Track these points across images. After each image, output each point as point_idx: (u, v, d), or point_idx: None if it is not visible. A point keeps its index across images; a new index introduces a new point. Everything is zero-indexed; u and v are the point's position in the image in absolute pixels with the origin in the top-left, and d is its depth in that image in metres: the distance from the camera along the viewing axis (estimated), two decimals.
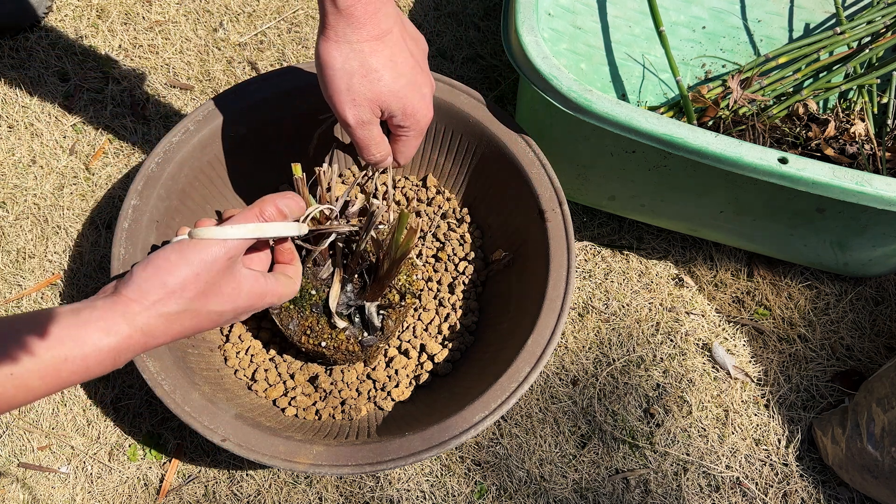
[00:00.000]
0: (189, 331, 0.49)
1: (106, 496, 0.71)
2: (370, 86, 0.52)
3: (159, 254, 0.48)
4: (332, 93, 0.53)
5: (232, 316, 0.52)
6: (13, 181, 0.85)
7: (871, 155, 0.74)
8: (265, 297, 0.53)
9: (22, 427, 0.74)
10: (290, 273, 0.57)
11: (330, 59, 0.51)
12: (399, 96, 0.53)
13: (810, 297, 0.82)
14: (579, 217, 0.86)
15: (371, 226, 0.57)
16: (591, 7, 0.87)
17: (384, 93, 0.53)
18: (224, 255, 0.49)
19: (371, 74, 0.52)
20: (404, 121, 0.55)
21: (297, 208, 0.54)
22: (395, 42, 0.53)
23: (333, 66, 0.51)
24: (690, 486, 0.73)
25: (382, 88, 0.52)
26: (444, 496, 0.72)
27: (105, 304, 0.45)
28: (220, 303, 0.50)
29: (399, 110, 0.54)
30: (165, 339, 0.48)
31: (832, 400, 0.77)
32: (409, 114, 0.55)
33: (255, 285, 0.52)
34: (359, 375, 0.68)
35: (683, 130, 0.60)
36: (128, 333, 0.45)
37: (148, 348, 0.48)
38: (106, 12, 0.96)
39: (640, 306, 0.81)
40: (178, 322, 0.48)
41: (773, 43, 0.89)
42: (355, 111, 0.53)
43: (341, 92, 0.52)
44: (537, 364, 0.58)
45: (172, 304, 0.47)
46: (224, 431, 0.56)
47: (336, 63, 0.51)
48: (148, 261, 0.48)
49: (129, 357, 0.47)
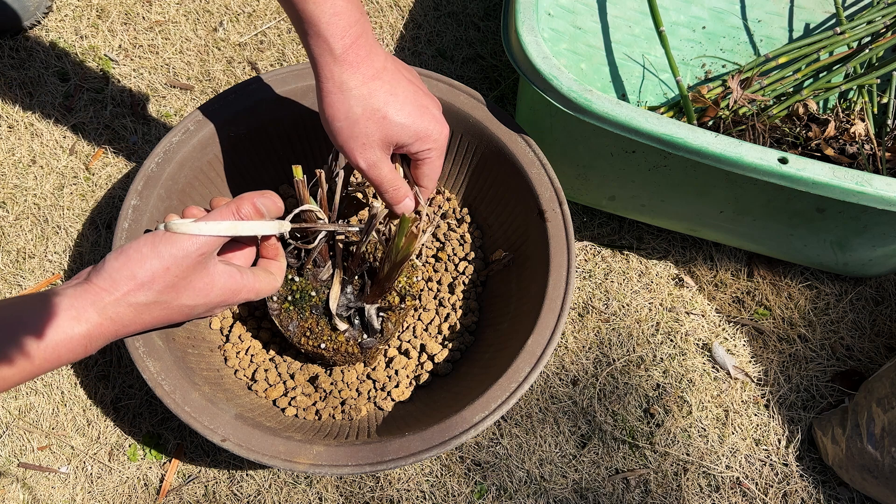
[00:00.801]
0: (160, 321, 0.50)
1: (106, 496, 0.71)
2: (376, 127, 0.53)
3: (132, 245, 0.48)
4: (341, 142, 0.53)
5: (204, 310, 0.53)
6: (13, 181, 0.85)
7: (871, 155, 0.74)
8: (240, 293, 0.53)
9: (22, 427, 0.74)
10: (272, 269, 0.57)
11: (335, 112, 0.52)
12: (406, 126, 0.54)
13: (810, 297, 0.82)
14: (579, 217, 0.86)
15: (371, 227, 0.57)
16: (591, 7, 0.87)
17: (391, 128, 0.53)
18: (196, 250, 0.49)
19: (374, 115, 0.52)
20: (422, 145, 0.56)
21: (274, 208, 0.54)
22: (392, 76, 0.53)
23: (338, 118, 0.52)
24: (690, 486, 0.73)
25: (388, 125, 0.53)
26: (444, 496, 0.72)
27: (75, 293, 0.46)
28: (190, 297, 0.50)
29: (411, 138, 0.54)
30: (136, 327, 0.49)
31: (832, 400, 0.77)
32: (422, 137, 0.55)
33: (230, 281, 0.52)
34: (359, 375, 0.68)
35: (683, 130, 0.60)
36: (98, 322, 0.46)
37: (119, 336, 0.49)
38: (106, 12, 0.96)
39: (640, 306, 0.81)
40: (147, 312, 0.49)
41: (773, 43, 0.89)
42: (365, 155, 0.54)
43: (349, 140, 0.53)
44: (537, 364, 0.58)
45: (142, 295, 0.48)
46: (224, 431, 0.56)
47: (340, 115, 0.52)
48: (121, 251, 0.48)
49: (101, 344, 0.48)
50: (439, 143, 0.57)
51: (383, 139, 0.53)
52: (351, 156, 0.54)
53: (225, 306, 0.54)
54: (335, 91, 0.51)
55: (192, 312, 0.52)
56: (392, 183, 0.56)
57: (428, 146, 0.56)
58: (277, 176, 0.75)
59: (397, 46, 0.96)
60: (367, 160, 0.54)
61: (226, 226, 0.50)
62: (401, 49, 0.95)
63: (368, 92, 0.52)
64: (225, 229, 0.50)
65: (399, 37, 0.96)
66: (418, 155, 0.57)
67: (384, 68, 0.53)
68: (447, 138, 0.57)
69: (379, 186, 0.56)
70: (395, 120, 0.53)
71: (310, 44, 0.50)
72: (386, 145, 0.54)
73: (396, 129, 0.53)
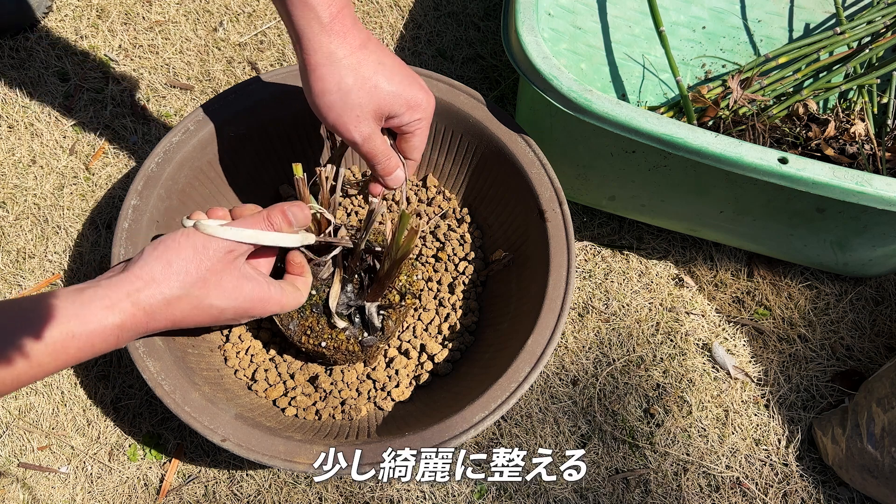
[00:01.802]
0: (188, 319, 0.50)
1: (106, 496, 0.71)
2: (368, 97, 0.52)
3: (168, 238, 0.49)
4: (336, 116, 0.52)
5: (232, 315, 0.52)
6: (13, 181, 0.85)
7: (871, 155, 0.74)
8: (267, 303, 0.54)
9: (22, 427, 0.74)
10: (298, 284, 0.58)
11: (326, 84, 0.51)
12: (398, 94, 0.53)
13: (810, 297, 0.82)
14: (579, 217, 0.86)
15: (370, 225, 0.57)
16: (591, 7, 0.87)
17: (383, 97, 0.52)
18: (226, 248, 0.50)
19: (366, 84, 0.51)
20: (412, 115, 0.55)
21: (302, 217, 0.54)
22: (377, 46, 0.53)
23: (331, 91, 0.51)
24: (690, 486, 0.73)
25: (380, 94, 0.52)
26: (444, 496, 0.72)
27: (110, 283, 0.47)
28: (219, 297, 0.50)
29: (403, 107, 0.54)
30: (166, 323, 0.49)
31: (832, 400, 0.77)
32: (413, 106, 0.54)
33: (257, 289, 0.53)
34: (359, 375, 0.68)
35: (683, 130, 0.60)
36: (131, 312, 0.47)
37: (149, 330, 0.49)
38: (106, 12, 0.96)
39: (640, 306, 0.81)
40: (177, 307, 0.49)
41: (773, 43, 0.89)
42: (359, 128, 0.53)
43: (344, 113, 0.52)
44: (537, 364, 0.58)
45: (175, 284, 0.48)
46: (224, 431, 0.56)
47: (332, 86, 0.50)
48: (157, 243, 0.49)
49: (131, 336, 0.48)
50: (428, 112, 0.56)
51: (376, 110, 0.53)
52: (345, 130, 0.53)
53: (251, 315, 0.54)
54: (324, 63, 0.50)
55: (220, 316, 0.52)
56: (385, 154, 0.56)
57: (418, 115, 0.55)
58: (277, 176, 0.75)
59: (397, 46, 0.96)
60: (361, 133, 0.53)
61: (250, 234, 0.51)
62: (401, 49, 0.95)
63: (357, 61, 0.51)
64: (250, 237, 0.51)
65: (399, 37, 0.96)
66: (409, 126, 0.56)
67: (369, 38, 0.52)
68: (433, 108, 0.57)
69: (372, 159, 0.56)
70: (387, 88, 0.52)
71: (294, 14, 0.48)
72: (378, 116, 0.53)
73: (389, 98, 0.52)
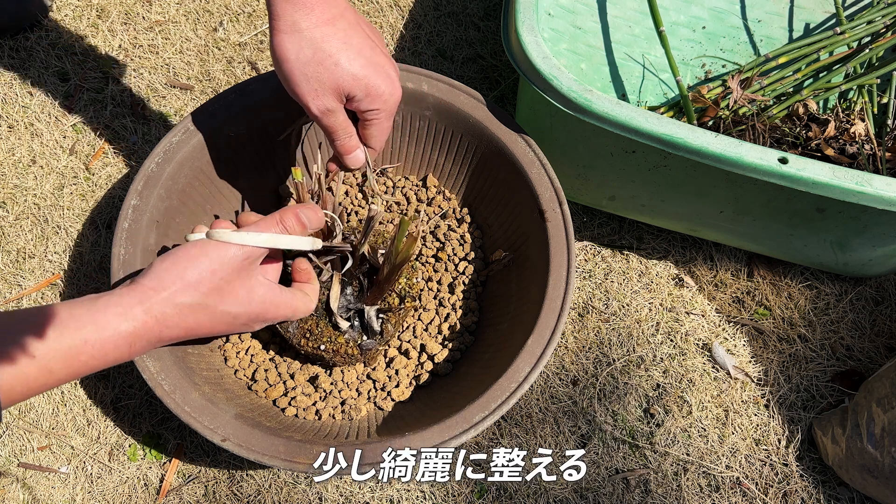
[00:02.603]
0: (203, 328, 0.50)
1: (106, 496, 0.71)
2: (327, 72, 0.51)
3: (181, 248, 0.49)
4: (293, 86, 0.52)
5: (245, 321, 0.52)
6: (13, 181, 0.85)
7: (871, 155, 0.73)
8: (279, 307, 0.54)
9: (22, 427, 0.74)
10: (307, 290, 0.57)
11: (284, 52, 0.50)
12: (359, 78, 0.52)
13: (810, 297, 0.82)
14: (579, 217, 0.86)
15: (370, 229, 0.57)
16: (591, 7, 0.87)
17: (343, 77, 0.51)
18: (242, 255, 0.50)
19: (326, 60, 0.50)
20: (371, 103, 0.54)
21: (316, 219, 0.54)
22: (349, 25, 0.52)
23: (288, 59, 0.50)
24: (690, 486, 0.73)
25: (340, 73, 0.51)
26: (445, 496, 0.72)
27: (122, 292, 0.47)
28: (233, 303, 0.50)
29: (362, 92, 0.53)
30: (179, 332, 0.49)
31: (832, 400, 0.77)
32: (372, 95, 0.53)
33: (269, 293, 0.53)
34: (359, 375, 0.68)
35: (683, 130, 0.60)
36: (143, 320, 0.46)
37: (163, 340, 0.49)
38: (106, 12, 0.96)
39: (640, 306, 0.81)
40: (192, 315, 0.49)
41: (773, 43, 0.89)
42: (318, 100, 0.52)
43: (300, 83, 0.51)
44: (537, 364, 0.58)
45: (188, 296, 0.48)
46: (224, 431, 0.56)
47: (290, 55, 0.50)
48: (169, 253, 0.49)
49: (144, 347, 0.48)
50: (389, 104, 0.55)
51: (335, 87, 0.51)
52: (304, 100, 0.52)
53: (264, 321, 0.54)
54: (286, 30, 0.49)
55: (233, 322, 0.51)
56: (346, 130, 0.55)
57: (377, 106, 0.54)
58: (277, 176, 0.75)
59: (397, 46, 0.96)
60: (319, 106, 0.52)
61: (266, 237, 0.51)
62: (401, 49, 0.95)
63: (321, 35, 0.50)
64: (266, 241, 0.51)
65: (399, 37, 0.96)
66: (367, 115, 0.55)
67: (341, 16, 0.51)
68: (398, 101, 0.56)
69: (332, 133, 0.55)
70: (346, 68, 0.51)
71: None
72: (338, 94, 0.52)
73: (348, 79, 0.51)
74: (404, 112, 0.72)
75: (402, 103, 0.71)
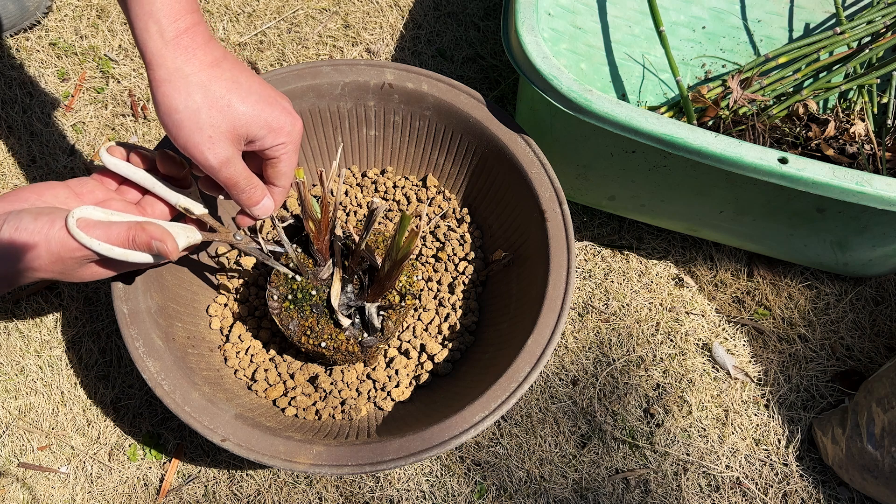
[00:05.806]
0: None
1: (106, 496, 0.71)
2: (221, 117, 0.47)
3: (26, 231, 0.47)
4: (185, 137, 0.47)
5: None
6: (13, 181, 0.85)
7: (871, 155, 0.74)
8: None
9: (22, 427, 0.74)
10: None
11: (171, 102, 0.46)
12: (254, 115, 0.49)
13: (810, 297, 0.82)
14: (579, 217, 0.86)
15: (370, 226, 0.57)
16: (591, 7, 0.87)
17: (239, 118, 0.48)
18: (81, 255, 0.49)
19: (218, 103, 0.47)
20: (276, 138, 0.51)
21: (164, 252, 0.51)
22: (233, 65, 0.49)
23: (177, 109, 0.46)
24: (690, 486, 0.73)
25: (236, 114, 0.48)
26: (444, 496, 0.72)
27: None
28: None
29: (263, 129, 0.50)
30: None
31: (832, 400, 0.77)
32: (276, 130, 0.50)
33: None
34: (359, 375, 0.68)
35: (683, 130, 0.60)
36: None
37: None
38: (106, 12, 0.96)
39: (640, 306, 0.81)
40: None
41: (773, 43, 0.89)
42: (214, 149, 0.48)
43: (193, 133, 0.47)
44: (537, 364, 0.58)
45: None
46: (224, 431, 0.56)
47: (178, 104, 0.46)
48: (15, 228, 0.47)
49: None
50: (293, 136, 0.52)
51: (231, 131, 0.48)
52: (197, 152, 0.48)
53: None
54: (170, 79, 0.46)
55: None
56: (249, 181, 0.51)
57: (282, 140, 0.51)
58: None
59: (397, 46, 0.96)
60: (216, 156, 0.48)
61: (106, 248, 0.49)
62: (401, 49, 0.95)
63: (208, 78, 0.47)
64: (105, 251, 0.49)
65: (399, 37, 0.96)
66: (272, 150, 0.52)
67: (224, 58, 0.48)
68: (301, 132, 0.53)
69: (234, 188, 0.51)
70: (241, 109, 0.48)
71: (137, 25, 0.45)
72: (236, 139, 0.49)
73: (245, 119, 0.48)
74: (404, 112, 0.72)
75: (402, 103, 0.71)
